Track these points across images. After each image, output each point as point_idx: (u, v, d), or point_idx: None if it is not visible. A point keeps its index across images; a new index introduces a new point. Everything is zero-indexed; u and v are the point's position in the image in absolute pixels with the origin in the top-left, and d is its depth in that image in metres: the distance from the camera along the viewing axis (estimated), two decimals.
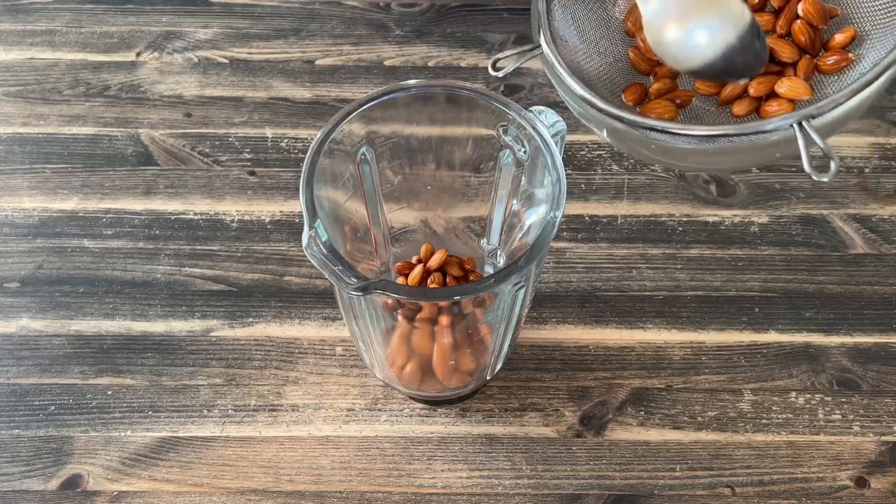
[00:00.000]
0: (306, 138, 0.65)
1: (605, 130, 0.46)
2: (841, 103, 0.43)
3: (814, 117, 0.42)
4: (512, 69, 0.45)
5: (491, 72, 0.46)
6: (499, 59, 0.46)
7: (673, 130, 0.44)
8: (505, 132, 0.48)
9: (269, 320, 0.57)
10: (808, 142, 0.42)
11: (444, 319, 0.45)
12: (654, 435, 0.53)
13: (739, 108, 0.48)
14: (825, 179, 0.42)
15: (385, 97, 0.46)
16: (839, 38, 0.47)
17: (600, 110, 0.45)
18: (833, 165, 0.42)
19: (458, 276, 0.52)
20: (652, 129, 0.45)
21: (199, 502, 0.51)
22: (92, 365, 0.55)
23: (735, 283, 0.59)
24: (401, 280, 0.52)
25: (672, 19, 0.44)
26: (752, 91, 0.47)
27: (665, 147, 0.45)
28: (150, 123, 0.65)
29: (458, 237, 0.55)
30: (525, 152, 0.47)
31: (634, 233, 0.60)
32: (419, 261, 0.52)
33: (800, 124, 0.42)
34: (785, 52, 0.47)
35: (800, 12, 0.47)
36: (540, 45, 0.46)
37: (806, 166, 0.41)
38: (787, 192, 0.62)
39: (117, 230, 0.60)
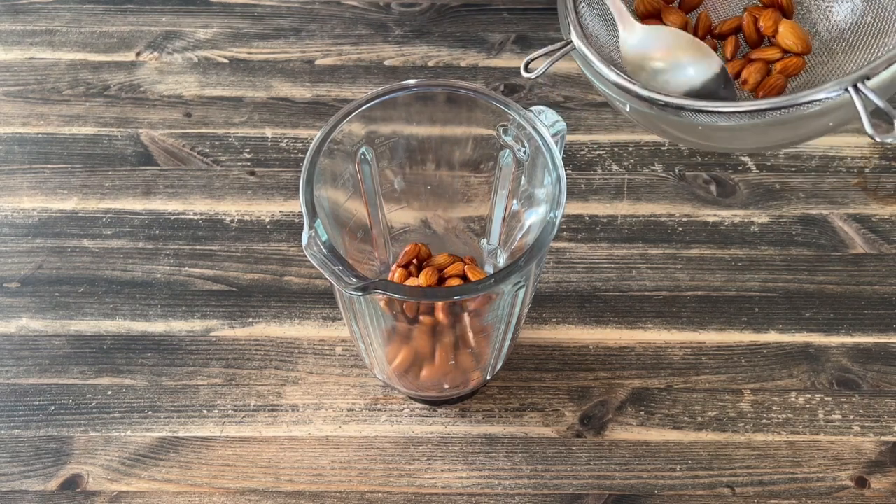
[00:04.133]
0: (306, 138, 0.65)
1: (655, 125, 0.46)
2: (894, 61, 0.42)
3: (868, 78, 0.41)
4: (544, 71, 0.45)
5: (524, 73, 0.45)
6: (531, 60, 0.45)
7: (722, 109, 0.43)
8: (505, 132, 0.48)
9: (269, 320, 0.57)
10: (867, 104, 0.40)
11: (444, 319, 0.45)
12: (654, 435, 0.53)
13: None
14: (889, 141, 0.40)
15: (385, 97, 0.46)
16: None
17: (643, 98, 0.44)
18: None
19: (458, 276, 0.52)
20: (699, 110, 0.43)
21: (198, 502, 0.51)
22: (92, 365, 0.55)
23: (735, 283, 0.59)
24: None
25: (651, 56, 0.46)
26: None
27: (713, 128, 0.45)
28: (149, 123, 0.65)
29: (458, 237, 0.55)
30: (525, 152, 0.47)
31: (634, 233, 0.60)
32: (409, 262, 0.52)
33: (855, 87, 0.41)
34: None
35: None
36: (571, 42, 0.46)
37: (868, 128, 0.40)
38: (787, 192, 0.62)
39: (117, 230, 0.60)
